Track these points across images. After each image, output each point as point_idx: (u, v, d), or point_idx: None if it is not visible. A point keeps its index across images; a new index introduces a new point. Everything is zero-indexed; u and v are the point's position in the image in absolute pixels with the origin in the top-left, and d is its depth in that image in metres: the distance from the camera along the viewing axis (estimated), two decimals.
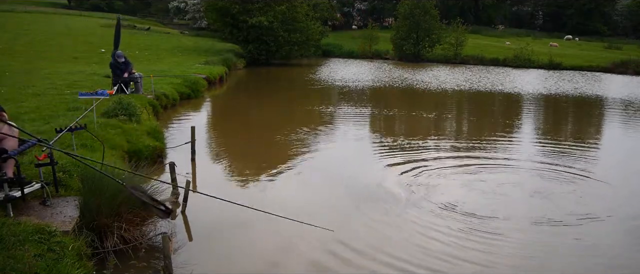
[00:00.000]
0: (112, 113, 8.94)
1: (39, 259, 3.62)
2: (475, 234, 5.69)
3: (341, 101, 17.48)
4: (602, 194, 7.48)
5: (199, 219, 5.85)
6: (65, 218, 4.49)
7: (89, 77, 15.45)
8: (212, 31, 45.94)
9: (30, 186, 4.61)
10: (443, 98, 19.62)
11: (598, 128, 14.59)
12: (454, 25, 41.82)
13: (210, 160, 8.83)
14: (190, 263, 4.77)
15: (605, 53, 45.36)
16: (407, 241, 5.51)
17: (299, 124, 12.20)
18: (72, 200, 4.83)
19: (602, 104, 19.24)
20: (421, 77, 27.02)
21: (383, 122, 13.81)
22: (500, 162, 9.26)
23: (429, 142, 10.77)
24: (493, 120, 15.06)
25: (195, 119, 12.76)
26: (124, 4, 66.40)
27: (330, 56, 44.06)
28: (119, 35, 13.17)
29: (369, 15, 65.25)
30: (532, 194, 7.35)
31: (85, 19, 46.25)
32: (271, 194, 7.01)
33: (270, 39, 31.77)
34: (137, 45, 29.91)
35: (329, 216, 6.20)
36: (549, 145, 11.09)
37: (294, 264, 4.92)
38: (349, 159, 9.23)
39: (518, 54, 39.38)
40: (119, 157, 6.90)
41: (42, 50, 24.97)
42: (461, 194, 7.17)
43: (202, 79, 17.79)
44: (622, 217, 6.53)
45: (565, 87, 24.64)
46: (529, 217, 6.35)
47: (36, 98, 10.63)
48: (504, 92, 21.93)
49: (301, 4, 33.73)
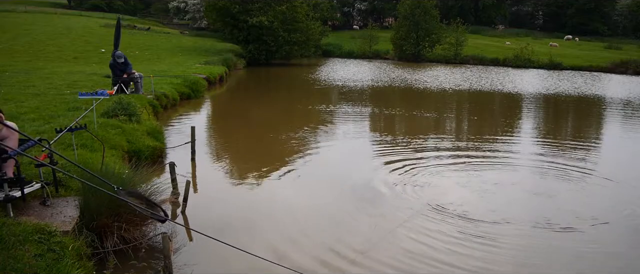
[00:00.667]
0: (112, 113, 8.94)
1: (39, 259, 3.62)
2: (475, 234, 5.68)
3: (341, 100, 17.48)
4: (605, 194, 7.48)
5: (199, 219, 5.85)
6: (65, 218, 4.49)
7: (89, 77, 15.46)
8: (212, 31, 46.03)
9: (30, 186, 4.61)
10: (443, 98, 19.62)
11: (598, 127, 14.58)
12: (454, 26, 41.81)
13: (210, 160, 8.83)
14: (190, 263, 4.77)
15: (605, 53, 45.34)
16: (409, 240, 5.51)
17: (299, 124, 12.21)
18: (72, 200, 4.83)
19: (602, 104, 19.23)
20: (421, 77, 27.02)
21: (383, 122, 13.81)
22: (500, 162, 9.25)
23: (429, 142, 10.77)
24: (493, 119, 15.06)
25: (195, 119, 12.76)
26: (124, 4, 66.39)
27: (330, 56, 44.08)
28: (119, 36, 13.18)
29: (369, 15, 65.28)
30: (533, 193, 7.36)
31: (85, 19, 46.24)
32: (271, 194, 7.01)
33: (270, 39, 31.77)
34: (137, 45, 29.92)
35: (328, 217, 6.21)
36: (549, 145, 11.08)
37: (294, 265, 4.91)
38: (349, 158, 9.23)
39: (518, 54, 39.38)
40: (119, 157, 6.90)
41: (42, 50, 24.99)
42: (461, 193, 7.17)
43: (202, 79, 17.78)
44: (626, 215, 6.53)
45: (565, 87, 24.64)
46: (529, 217, 6.35)
47: (36, 98, 10.63)
48: (504, 92, 21.93)
49: (301, 4, 33.74)
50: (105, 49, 25.17)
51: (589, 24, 61.43)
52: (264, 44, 32.10)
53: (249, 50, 32.43)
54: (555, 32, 61.87)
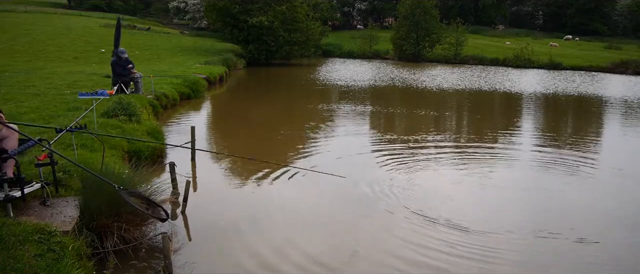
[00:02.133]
0: (112, 113, 8.94)
1: (39, 259, 3.61)
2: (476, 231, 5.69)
3: (341, 100, 17.47)
4: (607, 193, 7.48)
5: (199, 219, 5.85)
6: (65, 218, 4.49)
7: (89, 77, 15.46)
8: (212, 31, 46.05)
9: (30, 186, 4.61)
10: (443, 98, 19.61)
11: (598, 127, 14.57)
12: (454, 26, 41.83)
13: (210, 160, 8.83)
14: (190, 263, 4.77)
15: (605, 53, 45.34)
16: (410, 239, 5.51)
17: (299, 124, 12.20)
18: (72, 200, 4.83)
19: (602, 104, 19.22)
20: (421, 77, 27.01)
21: (383, 122, 13.80)
22: (500, 161, 9.26)
23: (428, 142, 10.75)
24: (493, 119, 15.05)
25: (195, 119, 12.76)
26: (124, 4, 66.40)
27: (330, 56, 44.08)
28: (119, 36, 13.19)
29: (369, 15, 65.30)
30: (534, 193, 7.36)
31: (85, 19, 46.25)
32: (271, 194, 7.00)
33: (270, 39, 31.78)
34: (137, 45, 29.93)
35: (329, 216, 6.20)
36: (550, 144, 11.08)
37: (294, 265, 4.91)
38: (349, 158, 9.21)
39: (518, 54, 39.38)
40: (119, 157, 6.90)
41: (42, 50, 25.00)
42: (461, 193, 7.17)
43: (202, 79, 17.78)
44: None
45: (565, 87, 24.63)
46: (530, 216, 6.36)
47: (36, 98, 10.63)
48: (504, 91, 21.93)
49: (301, 4, 33.76)
50: (105, 49, 25.18)
51: (589, 24, 61.42)
52: (264, 44, 32.10)
53: (249, 50, 32.44)
54: (555, 32, 61.87)
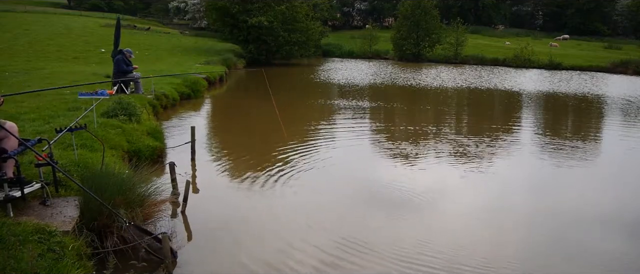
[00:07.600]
0: (112, 113, 8.93)
1: (39, 259, 3.61)
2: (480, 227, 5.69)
3: (341, 100, 17.46)
4: (608, 194, 7.48)
5: (199, 219, 5.85)
6: (65, 218, 4.48)
7: (89, 78, 15.44)
8: (212, 31, 46.01)
9: (30, 186, 4.61)
10: (443, 98, 19.61)
11: (598, 127, 14.56)
12: (454, 25, 41.84)
13: (210, 160, 8.82)
14: (190, 263, 4.77)
15: (605, 53, 45.36)
16: (409, 239, 5.51)
17: (299, 124, 12.20)
18: (72, 200, 4.83)
19: (603, 104, 19.22)
20: (421, 77, 27.01)
21: (383, 122, 13.79)
22: (501, 161, 9.26)
23: (429, 142, 10.75)
24: (494, 119, 15.04)
25: (195, 119, 12.76)
26: (124, 4, 66.44)
27: (330, 56, 44.07)
28: (119, 36, 13.20)
29: (369, 15, 65.30)
30: (534, 193, 7.36)
31: (85, 19, 46.24)
32: (271, 194, 7.00)
33: (270, 39, 31.79)
34: (137, 45, 29.89)
35: (330, 216, 6.20)
36: (550, 144, 11.08)
37: (295, 265, 4.91)
38: (349, 158, 9.22)
39: (518, 54, 39.41)
40: (119, 157, 6.89)
41: (42, 50, 25.00)
42: (461, 193, 7.17)
43: (202, 79, 17.78)
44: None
45: (565, 87, 24.63)
46: (531, 216, 6.36)
47: (36, 98, 10.62)
48: (504, 91, 21.92)
49: (301, 4, 33.75)
50: (105, 49, 25.17)
51: (589, 24, 61.45)
52: (264, 44, 32.12)
53: (249, 50, 32.44)
54: (555, 32, 61.89)
